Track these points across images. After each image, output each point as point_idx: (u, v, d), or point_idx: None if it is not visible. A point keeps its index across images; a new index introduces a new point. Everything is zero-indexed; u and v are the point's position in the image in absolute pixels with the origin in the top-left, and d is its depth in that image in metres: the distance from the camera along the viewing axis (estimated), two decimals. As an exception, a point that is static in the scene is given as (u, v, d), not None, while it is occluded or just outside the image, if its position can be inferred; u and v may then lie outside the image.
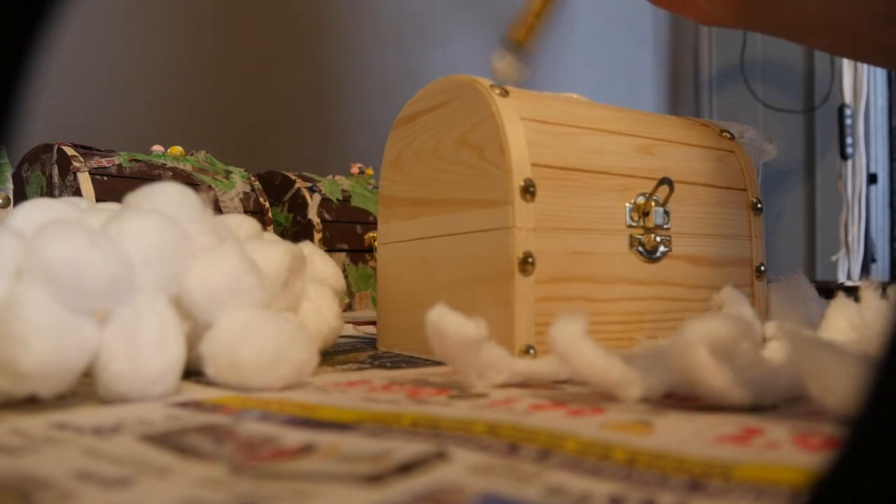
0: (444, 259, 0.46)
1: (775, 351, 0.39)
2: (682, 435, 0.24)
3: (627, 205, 0.47)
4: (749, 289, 0.53)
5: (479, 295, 0.43)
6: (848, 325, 0.45)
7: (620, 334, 0.45)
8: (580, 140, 0.46)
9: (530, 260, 0.41)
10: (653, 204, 0.47)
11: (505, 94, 0.44)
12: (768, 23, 0.36)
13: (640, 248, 0.47)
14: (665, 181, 0.46)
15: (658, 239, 0.48)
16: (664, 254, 0.48)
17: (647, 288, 0.47)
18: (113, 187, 0.70)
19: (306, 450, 0.23)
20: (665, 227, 0.48)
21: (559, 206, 0.43)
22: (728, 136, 0.56)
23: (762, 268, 0.54)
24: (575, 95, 0.51)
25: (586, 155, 0.46)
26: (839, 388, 0.24)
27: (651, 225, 0.48)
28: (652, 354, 0.34)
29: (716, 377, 0.27)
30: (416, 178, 0.50)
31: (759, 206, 0.54)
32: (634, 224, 0.47)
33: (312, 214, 0.87)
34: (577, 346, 0.30)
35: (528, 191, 0.41)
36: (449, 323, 0.32)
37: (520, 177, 0.41)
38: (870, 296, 0.45)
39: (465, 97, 0.45)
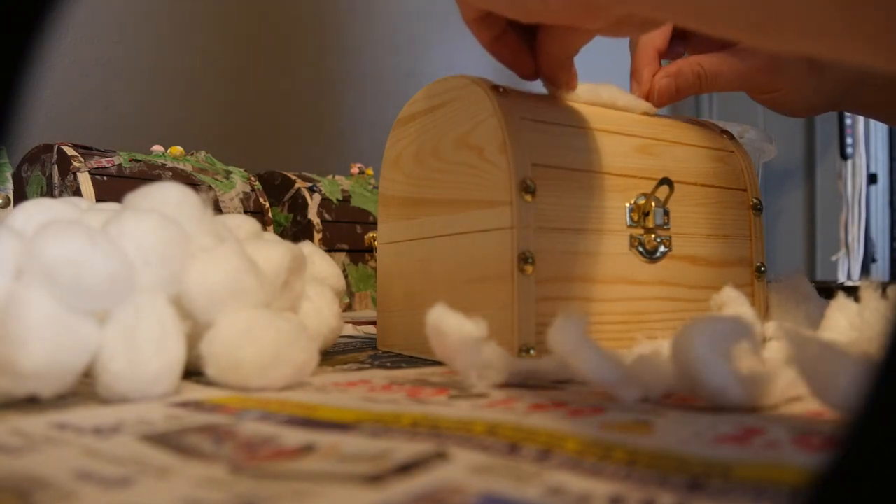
0: (444, 259, 0.46)
1: (775, 351, 0.39)
2: (681, 435, 0.24)
3: (627, 205, 0.47)
4: (749, 289, 0.53)
5: (479, 295, 0.43)
6: (848, 325, 0.45)
7: (620, 334, 0.45)
8: (580, 140, 0.46)
9: (530, 260, 0.41)
10: (653, 204, 0.47)
11: (505, 93, 0.44)
12: (859, 104, 0.39)
13: (640, 249, 0.47)
14: (665, 181, 0.46)
15: (658, 239, 0.48)
16: (664, 254, 0.48)
17: (647, 288, 0.47)
18: (113, 187, 0.70)
19: (306, 450, 0.23)
20: (665, 227, 0.48)
21: (559, 206, 0.43)
22: (728, 136, 0.56)
23: (762, 268, 0.54)
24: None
25: (586, 155, 0.46)
26: (839, 388, 0.25)
27: (651, 225, 0.48)
28: (652, 354, 0.34)
29: (715, 377, 0.27)
30: (416, 178, 0.50)
31: (759, 206, 0.54)
32: (634, 224, 0.47)
33: (312, 214, 0.87)
34: (577, 346, 0.30)
35: (528, 190, 0.41)
36: (449, 323, 0.32)
37: (519, 176, 0.41)
38: (870, 296, 0.45)
39: (465, 97, 0.45)
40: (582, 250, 0.44)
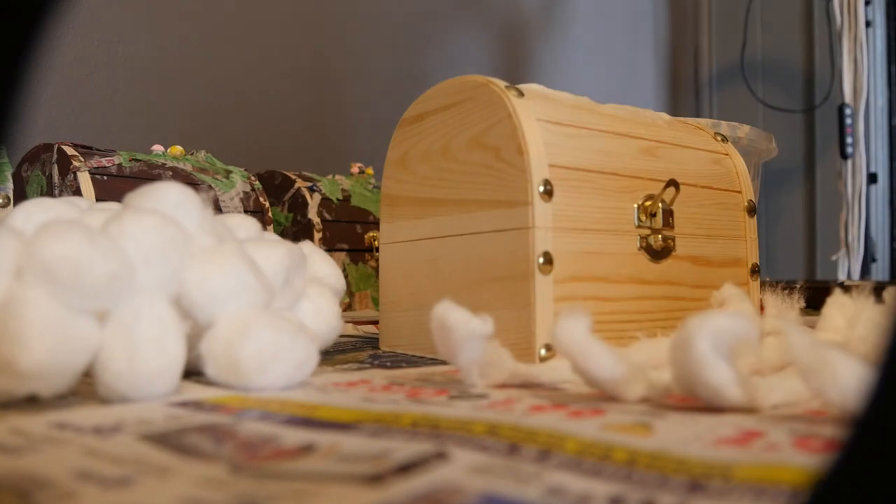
0: (455, 259, 0.46)
1: (773, 348, 0.39)
2: (682, 436, 0.24)
3: (635, 205, 0.47)
4: (745, 288, 0.53)
5: (494, 294, 0.43)
6: (844, 322, 0.45)
7: (622, 332, 0.45)
8: (591, 142, 0.46)
9: (549, 259, 0.41)
10: (659, 205, 0.48)
11: (520, 94, 0.44)
12: None
13: (648, 249, 0.47)
14: (672, 183, 0.47)
15: (664, 239, 0.48)
16: (668, 254, 0.48)
17: (654, 287, 0.47)
18: (113, 187, 0.70)
19: (306, 450, 0.23)
20: (670, 227, 0.49)
21: (573, 207, 0.43)
22: (721, 138, 0.57)
23: (756, 267, 0.54)
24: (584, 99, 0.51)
25: (597, 156, 0.46)
26: (839, 385, 0.24)
27: (658, 226, 0.48)
28: (654, 353, 0.34)
29: (716, 374, 0.27)
30: (423, 178, 0.49)
31: (753, 207, 0.55)
32: (642, 224, 0.47)
33: (312, 214, 0.87)
34: (584, 344, 0.30)
35: (547, 191, 0.42)
36: (455, 317, 0.32)
37: (539, 177, 0.41)
38: (866, 294, 0.45)
39: (480, 98, 0.45)
40: (595, 250, 0.44)
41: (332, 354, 0.48)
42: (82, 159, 0.70)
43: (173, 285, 0.33)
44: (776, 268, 1.98)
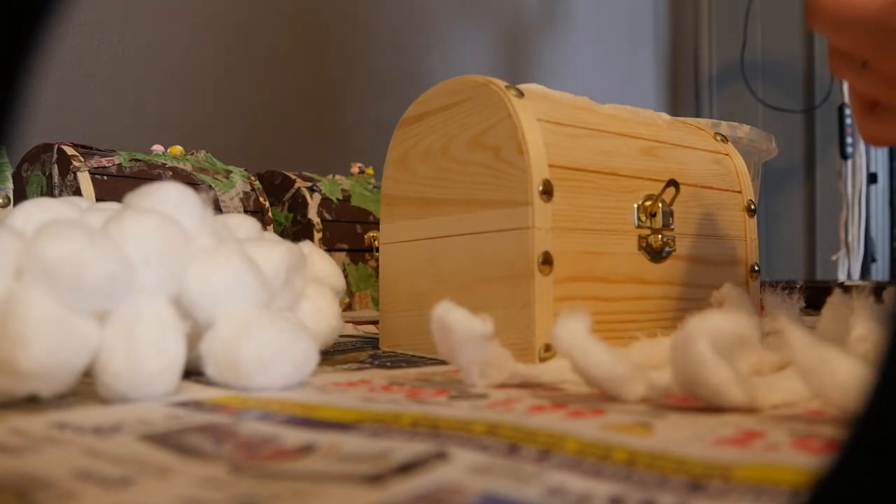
0: (456, 259, 0.46)
1: (773, 348, 0.39)
2: (682, 436, 0.24)
3: (635, 205, 0.47)
4: (744, 288, 0.53)
5: (495, 294, 0.43)
6: (844, 323, 0.45)
7: (623, 332, 0.45)
8: (591, 142, 0.46)
9: (549, 259, 0.41)
10: (659, 205, 0.48)
11: (520, 94, 0.44)
12: None
13: (648, 249, 0.47)
14: (672, 183, 0.47)
15: (663, 239, 0.48)
16: (668, 254, 0.48)
17: (654, 287, 0.47)
18: (113, 187, 0.70)
19: (306, 450, 0.23)
20: (669, 227, 0.49)
21: (573, 207, 0.43)
22: (721, 138, 0.57)
23: (756, 268, 0.54)
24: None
25: (597, 156, 0.46)
26: (839, 387, 0.24)
27: (658, 226, 0.48)
28: (653, 352, 0.34)
29: (716, 374, 0.27)
30: (423, 178, 0.49)
31: (752, 207, 0.55)
32: (642, 224, 0.47)
33: (312, 214, 0.87)
34: (584, 344, 0.30)
35: (547, 191, 0.42)
36: (456, 317, 0.32)
37: (539, 177, 0.41)
38: (866, 294, 0.45)
39: (480, 97, 0.45)
40: (595, 250, 0.44)
41: (332, 354, 0.48)
42: (82, 159, 0.70)
43: (173, 285, 0.33)
44: (776, 268, 1.98)
